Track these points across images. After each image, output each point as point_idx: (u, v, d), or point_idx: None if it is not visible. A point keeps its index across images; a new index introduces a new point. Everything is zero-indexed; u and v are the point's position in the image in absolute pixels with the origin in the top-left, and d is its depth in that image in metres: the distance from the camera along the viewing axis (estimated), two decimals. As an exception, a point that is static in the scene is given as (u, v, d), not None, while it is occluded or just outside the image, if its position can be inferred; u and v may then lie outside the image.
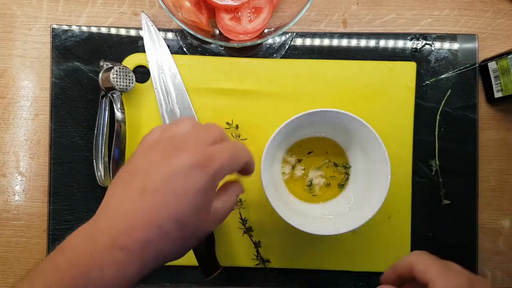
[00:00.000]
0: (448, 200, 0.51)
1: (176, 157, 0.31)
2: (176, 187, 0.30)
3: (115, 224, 0.30)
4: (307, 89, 0.51)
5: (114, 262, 0.29)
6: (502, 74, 0.49)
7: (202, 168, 0.31)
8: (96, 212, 0.32)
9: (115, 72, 0.47)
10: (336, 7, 0.53)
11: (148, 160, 0.32)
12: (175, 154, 0.32)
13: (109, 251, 0.29)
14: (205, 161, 0.31)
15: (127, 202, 0.31)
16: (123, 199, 0.31)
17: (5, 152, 0.52)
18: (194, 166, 0.31)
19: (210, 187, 0.32)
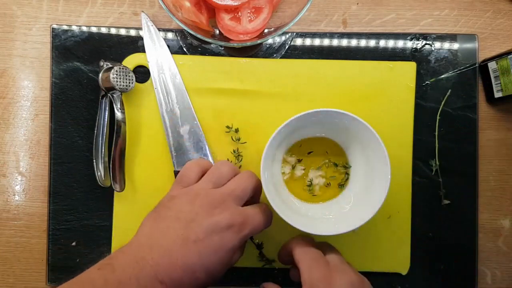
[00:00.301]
0: (448, 200, 0.51)
1: (219, 216, 0.37)
2: (213, 242, 0.36)
3: (159, 260, 0.35)
4: (307, 89, 0.51)
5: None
6: (502, 74, 0.49)
7: (238, 230, 0.37)
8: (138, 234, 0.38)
9: (115, 72, 0.47)
10: (336, 7, 0.53)
11: (193, 209, 0.38)
12: (218, 212, 0.38)
13: (151, 281, 0.34)
14: (241, 224, 0.38)
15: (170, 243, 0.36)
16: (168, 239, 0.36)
17: (5, 152, 0.52)
18: (231, 227, 0.37)
19: (239, 246, 0.38)
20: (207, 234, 0.36)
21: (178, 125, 0.50)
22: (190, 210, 0.38)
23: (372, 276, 0.50)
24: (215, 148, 0.51)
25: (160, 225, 0.38)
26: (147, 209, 0.50)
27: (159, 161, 0.51)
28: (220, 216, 0.37)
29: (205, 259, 0.36)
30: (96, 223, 0.51)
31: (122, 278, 0.33)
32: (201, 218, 0.37)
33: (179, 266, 0.35)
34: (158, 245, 0.36)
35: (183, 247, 0.36)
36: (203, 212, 0.37)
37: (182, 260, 0.35)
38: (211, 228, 0.36)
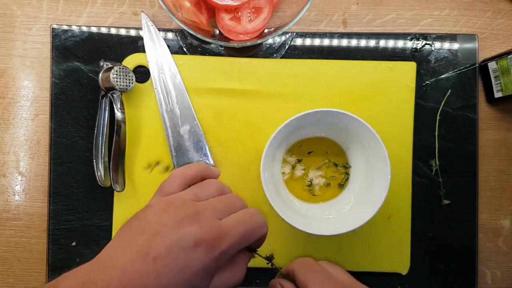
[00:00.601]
0: (448, 200, 0.51)
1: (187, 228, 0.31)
2: (177, 261, 0.30)
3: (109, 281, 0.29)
4: (307, 89, 0.51)
5: None
6: (502, 74, 0.49)
7: (208, 248, 0.30)
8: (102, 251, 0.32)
9: (115, 72, 0.47)
10: (336, 7, 0.53)
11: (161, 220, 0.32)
12: (187, 224, 0.31)
13: None
14: (213, 240, 0.31)
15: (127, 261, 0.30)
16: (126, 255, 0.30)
17: (5, 152, 0.52)
18: (200, 244, 0.30)
19: (212, 267, 0.31)
20: (170, 250, 0.30)
21: (178, 125, 0.50)
22: (158, 221, 0.32)
23: (372, 276, 0.51)
24: (215, 148, 0.51)
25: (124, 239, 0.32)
26: (147, 209, 0.50)
27: (159, 161, 0.51)
28: (187, 229, 0.31)
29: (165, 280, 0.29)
30: (96, 223, 0.51)
31: None
32: (167, 231, 0.31)
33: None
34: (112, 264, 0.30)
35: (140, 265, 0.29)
36: (171, 223, 0.31)
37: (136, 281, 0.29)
38: (175, 243, 0.30)
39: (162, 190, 0.37)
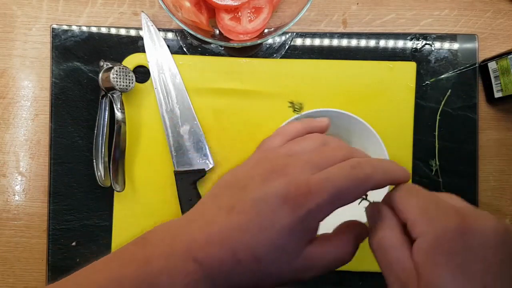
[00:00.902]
0: None
1: (272, 182, 0.28)
2: (260, 217, 0.27)
3: (196, 234, 0.28)
4: (307, 89, 0.51)
5: (185, 274, 0.27)
6: (502, 74, 0.49)
7: (293, 205, 0.27)
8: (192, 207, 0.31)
9: (115, 72, 0.47)
10: (336, 7, 0.53)
11: (250, 174, 0.30)
12: (274, 178, 0.28)
13: (183, 259, 0.27)
14: (299, 197, 0.27)
15: (213, 214, 0.28)
16: (213, 207, 0.29)
17: (5, 152, 0.52)
18: (285, 200, 0.27)
19: (299, 229, 0.27)
20: (254, 204, 0.27)
21: (178, 125, 0.50)
22: (246, 174, 0.30)
23: (372, 276, 0.51)
24: (215, 148, 0.51)
25: (213, 192, 0.31)
26: (147, 209, 0.50)
27: (159, 161, 0.51)
28: (272, 183, 0.28)
29: (248, 236, 0.27)
30: (96, 223, 0.51)
31: (150, 254, 0.27)
32: (254, 185, 0.28)
33: (216, 241, 0.27)
34: (201, 215, 0.29)
35: (225, 218, 0.28)
36: (259, 177, 0.29)
37: (221, 234, 0.27)
38: (260, 198, 0.27)
39: (261, 147, 0.35)
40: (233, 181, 0.30)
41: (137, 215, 0.50)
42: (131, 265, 0.27)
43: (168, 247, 0.27)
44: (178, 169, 0.49)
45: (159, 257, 0.27)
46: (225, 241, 0.27)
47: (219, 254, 0.27)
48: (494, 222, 0.24)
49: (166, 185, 0.50)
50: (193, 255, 0.27)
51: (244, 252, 0.27)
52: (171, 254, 0.27)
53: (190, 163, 0.50)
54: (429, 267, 0.24)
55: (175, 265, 0.26)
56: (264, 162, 0.31)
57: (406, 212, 0.27)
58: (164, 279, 0.26)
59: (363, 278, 0.51)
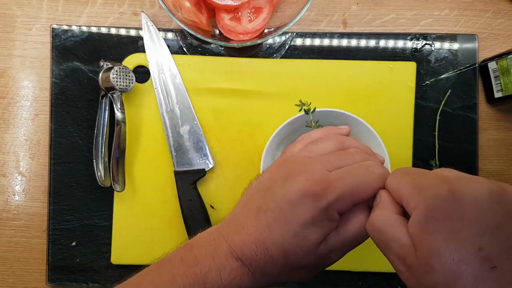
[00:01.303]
0: None
1: (292, 180, 0.31)
2: (285, 213, 0.30)
3: (234, 235, 0.31)
4: (307, 89, 0.51)
5: (230, 270, 0.30)
6: (502, 74, 0.49)
7: (315, 199, 0.29)
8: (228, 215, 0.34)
9: (115, 72, 0.47)
10: (336, 7, 0.53)
11: (273, 177, 0.33)
12: (294, 176, 0.31)
13: (227, 258, 0.30)
14: (320, 191, 0.29)
15: (245, 216, 0.32)
16: (244, 211, 0.33)
17: (5, 152, 0.52)
18: (306, 194, 0.30)
19: (321, 219, 0.29)
20: (278, 203, 0.30)
21: (178, 125, 0.50)
22: (269, 177, 0.33)
23: (372, 276, 0.51)
24: (215, 148, 0.51)
25: (244, 198, 0.34)
26: (147, 209, 0.50)
27: (159, 161, 0.51)
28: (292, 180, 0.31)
29: (275, 232, 0.30)
30: (96, 223, 0.51)
31: (198, 255, 0.31)
32: (276, 186, 0.31)
33: (250, 242, 0.30)
34: (235, 220, 0.32)
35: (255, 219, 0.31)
36: (280, 179, 0.31)
37: (254, 235, 0.30)
38: (282, 196, 0.30)
39: (284, 153, 0.37)
40: (258, 186, 0.34)
41: (137, 215, 0.50)
42: (182, 265, 0.30)
43: (213, 248, 0.31)
44: (178, 169, 0.49)
45: (205, 257, 0.31)
46: (258, 240, 0.30)
47: (255, 253, 0.30)
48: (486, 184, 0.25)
49: (166, 185, 0.50)
50: (234, 254, 0.31)
51: (273, 247, 0.30)
52: (216, 254, 0.31)
53: (190, 163, 0.50)
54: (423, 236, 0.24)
55: (221, 263, 0.30)
56: (285, 164, 0.34)
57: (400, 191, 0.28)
58: (213, 275, 0.30)
59: (363, 278, 0.51)
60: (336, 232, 0.31)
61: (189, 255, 0.31)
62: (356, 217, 0.31)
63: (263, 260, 0.30)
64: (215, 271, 0.30)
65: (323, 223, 0.30)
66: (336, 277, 0.51)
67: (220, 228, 0.33)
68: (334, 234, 0.31)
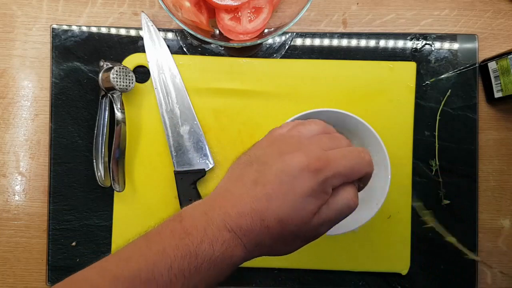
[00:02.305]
0: (448, 200, 0.51)
1: (290, 155, 0.32)
2: (284, 185, 0.31)
3: (229, 208, 0.31)
4: (307, 89, 0.51)
5: (222, 242, 0.30)
6: (502, 74, 0.49)
7: (313, 172, 0.31)
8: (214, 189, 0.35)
9: (115, 72, 0.47)
10: (336, 7, 0.53)
11: (268, 152, 0.34)
12: (290, 152, 0.33)
13: (219, 230, 0.31)
14: (318, 165, 0.32)
15: (241, 190, 0.32)
16: (238, 184, 0.33)
17: (5, 152, 0.52)
18: (305, 168, 0.31)
19: (318, 191, 0.32)
20: (276, 175, 0.32)
21: (178, 125, 0.50)
22: (264, 153, 0.34)
23: (372, 276, 0.51)
24: (215, 148, 0.51)
25: (235, 172, 0.35)
26: (147, 209, 0.50)
27: (159, 161, 0.51)
28: (292, 155, 0.32)
29: (274, 203, 0.31)
30: (96, 223, 0.51)
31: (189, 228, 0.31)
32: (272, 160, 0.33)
33: (247, 213, 0.31)
34: (230, 193, 0.33)
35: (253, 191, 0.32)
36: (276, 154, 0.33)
37: (251, 205, 0.31)
38: (281, 169, 0.32)
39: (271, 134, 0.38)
40: (252, 160, 0.34)
41: (137, 215, 0.50)
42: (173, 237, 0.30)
43: (204, 221, 0.31)
44: (178, 169, 0.49)
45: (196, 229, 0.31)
46: (254, 211, 0.31)
47: (250, 224, 0.31)
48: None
49: (166, 185, 0.50)
50: (227, 226, 0.31)
51: (270, 219, 0.31)
52: (207, 226, 0.31)
53: (190, 163, 0.50)
54: None
55: (214, 235, 0.30)
56: (279, 142, 0.35)
57: None
58: (206, 247, 0.30)
59: (363, 278, 0.51)
60: (327, 205, 0.33)
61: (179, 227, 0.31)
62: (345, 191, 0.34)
63: (258, 231, 0.31)
64: (207, 243, 0.30)
65: (319, 195, 0.32)
66: (336, 277, 0.51)
67: (210, 201, 0.33)
68: (325, 207, 0.33)
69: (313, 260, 0.51)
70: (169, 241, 0.30)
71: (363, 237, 0.51)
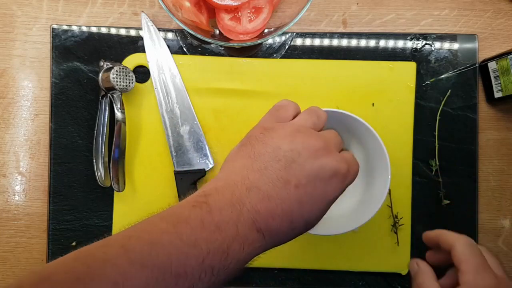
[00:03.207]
0: (448, 200, 0.51)
1: (323, 159, 0.32)
2: (316, 190, 0.32)
3: (258, 205, 0.30)
4: (307, 89, 0.51)
5: (251, 242, 0.30)
6: (502, 74, 0.49)
7: (342, 178, 0.33)
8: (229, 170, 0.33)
9: (115, 72, 0.47)
10: (336, 7, 0.53)
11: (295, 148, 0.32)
12: (322, 155, 0.32)
13: (250, 229, 0.30)
14: (345, 171, 0.33)
15: (269, 186, 0.31)
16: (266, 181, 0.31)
17: (5, 152, 0.52)
18: (336, 174, 0.32)
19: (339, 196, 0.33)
20: (310, 179, 0.31)
21: (178, 125, 0.50)
22: (291, 148, 0.32)
23: (372, 276, 0.51)
24: (215, 148, 0.51)
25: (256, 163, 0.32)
26: (147, 209, 0.50)
27: (159, 161, 0.51)
28: (325, 159, 0.32)
29: (305, 208, 0.31)
30: (96, 223, 0.51)
31: (219, 221, 0.29)
32: (303, 160, 0.32)
33: (277, 215, 0.30)
34: (256, 188, 0.31)
35: (283, 191, 0.31)
36: (305, 152, 0.32)
37: (282, 206, 0.30)
38: (315, 173, 0.31)
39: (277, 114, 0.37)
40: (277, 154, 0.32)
41: (137, 215, 0.50)
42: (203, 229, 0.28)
43: (235, 216, 0.29)
44: (178, 169, 0.49)
45: (228, 224, 0.29)
46: (286, 214, 0.31)
47: (279, 226, 0.31)
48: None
49: (166, 185, 0.50)
50: (257, 226, 0.30)
51: (298, 221, 0.31)
52: (239, 223, 0.29)
53: (190, 163, 0.50)
54: None
55: (245, 234, 0.29)
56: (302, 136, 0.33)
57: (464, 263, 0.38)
58: (236, 246, 0.29)
59: (363, 278, 0.51)
60: None
61: (209, 219, 0.29)
62: None
63: (284, 232, 0.31)
64: (238, 243, 0.29)
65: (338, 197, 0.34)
66: (336, 277, 0.51)
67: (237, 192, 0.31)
68: None
69: (313, 260, 0.51)
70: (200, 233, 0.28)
71: (363, 237, 0.51)
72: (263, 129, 0.35)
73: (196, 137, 0.50)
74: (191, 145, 0.50)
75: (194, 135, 0.50)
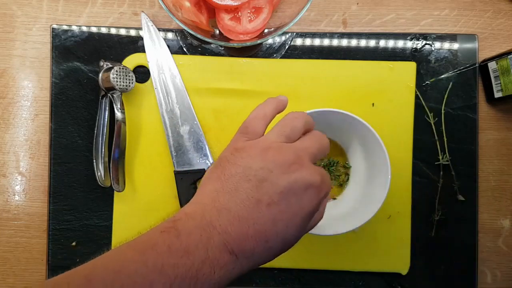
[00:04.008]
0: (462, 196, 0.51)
1: (296, 173, 0.31)
2: (290, 207, 0.31)
3: (228, 227, 0.30)
4: (307, 89, 0.51)
5: (223, 264, 0.29)
6: (502, 74, 0.49)
7: (316, 190, 0.32)
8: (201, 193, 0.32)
9: (115, 72, 0.47)
10: (336, 7, 0.53)
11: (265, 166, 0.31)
12: (295, 170, 0.31)
13: (221, 252, 0.29)
14: (319, 183, 0.32)
15: (239, 207, 0.30)
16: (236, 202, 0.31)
17: (5, 152, 0.52)
18: (310, 187, 0.31)
19: (316, 210, 0.33)
20: (283, 196, 0.30)
21: (178, 125, 0.50)
22: (262, 166, 0.31)
23: (372, 276, 0.51)
24: (215, 148, 0.51)
25: (227, 185, 0.32)
26: (147, 209, 0.50)
27: (159, 161, 0.51)
28: (297, 174, 0.31)
29: (280, 226, 0.30)
30: (96, 223, 0.51)
31: (188, 246, 0.28)
32: (275, 177, 0.31)
33: (250, 236, 0.30)
34: (226, 210, 0.30)
35: (255, 211, 0.30)
36: (277, 169, 0.31)
37: (254, 227, 0.30)
38: (288, 189, 0.31)
39: (246, 132, 0.36)
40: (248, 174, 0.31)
41: (137, 215, 0.50)
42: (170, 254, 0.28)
43: (204, 239, 0.29)
44: (178, 169, 0.49)
45: (197, 249, 0.28)
46: (259, 234, 0.30)
47: (253, 246, 0.30)
48: None
49: (166, 185, 0.50)
50: (229, 248, 0.29)
51: (274, 240, 0.30)
52: (209, 246, 0.29)
53: (190, 163, 0.50)
54: None
55: (215, 257, 0.29)
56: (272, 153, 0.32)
57: None
58: (206, 269, 0.28)
59: (363, 278, 0.51)
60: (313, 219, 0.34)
61: (178, 243, 0.28)
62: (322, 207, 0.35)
63: (260, 252, 0.30)
64: (208, 266, 0.28)
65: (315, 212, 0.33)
66: (336, 277, 0.51)
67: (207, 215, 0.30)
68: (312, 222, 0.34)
69: (313, 260, 0.51)
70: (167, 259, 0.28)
71: (363, 237, 0.51)
72: (233, 150, 0.34)
73: (196, 137, 0.50)
74: (191, 145, 0.50)
75: (194, 135, 0.50)
